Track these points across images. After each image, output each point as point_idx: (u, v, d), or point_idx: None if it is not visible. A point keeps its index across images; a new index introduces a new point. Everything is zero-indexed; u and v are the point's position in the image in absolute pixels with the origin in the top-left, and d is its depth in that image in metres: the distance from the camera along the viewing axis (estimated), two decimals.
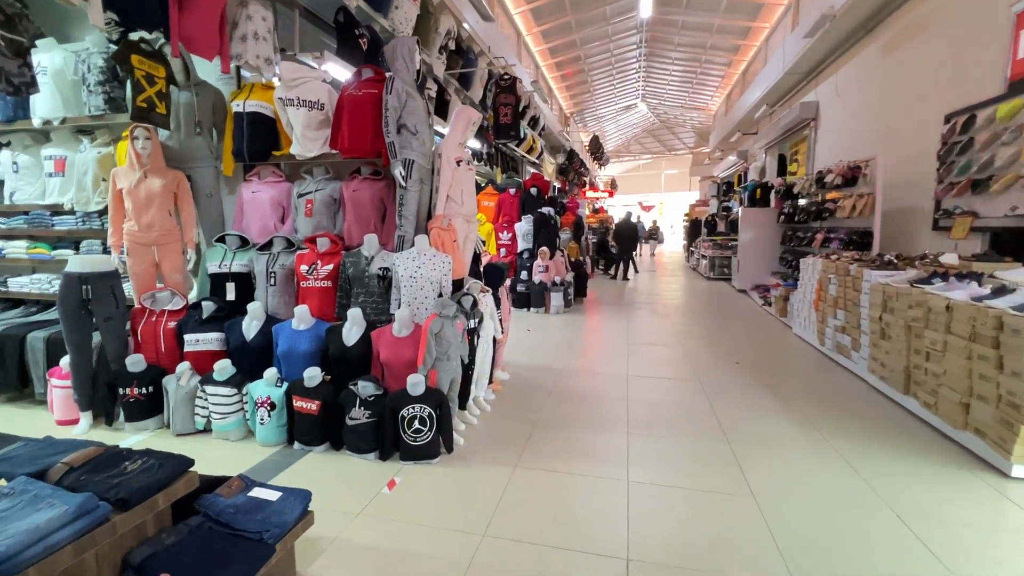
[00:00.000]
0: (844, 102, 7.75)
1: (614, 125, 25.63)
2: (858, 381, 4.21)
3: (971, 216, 4.33)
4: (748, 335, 6.09)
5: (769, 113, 11.73)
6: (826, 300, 4.97)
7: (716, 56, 14.31)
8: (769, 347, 5.51)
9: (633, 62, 16.07)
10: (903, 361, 3.53)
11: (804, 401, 3.79)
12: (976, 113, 4.60)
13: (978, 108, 4.58)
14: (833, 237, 6.42)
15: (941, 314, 3.11)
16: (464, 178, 3.55)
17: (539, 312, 7.47)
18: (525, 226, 7.93)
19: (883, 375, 3.81)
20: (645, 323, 6.79)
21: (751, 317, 7.20)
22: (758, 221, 9.55)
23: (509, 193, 8.26)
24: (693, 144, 29.20)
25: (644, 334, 6.10)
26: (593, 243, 14.55)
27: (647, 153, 33.08)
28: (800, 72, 9.19)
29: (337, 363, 2.98)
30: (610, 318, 7.14)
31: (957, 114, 4.87)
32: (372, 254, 3.21)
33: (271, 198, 3.56)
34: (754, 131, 13.56)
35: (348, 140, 3.30)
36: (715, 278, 11.96)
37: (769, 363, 4.86)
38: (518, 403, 3.73)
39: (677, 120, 25.02)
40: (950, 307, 3.06)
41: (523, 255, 7.86)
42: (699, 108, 20.38)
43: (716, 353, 5.19)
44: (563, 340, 5.78)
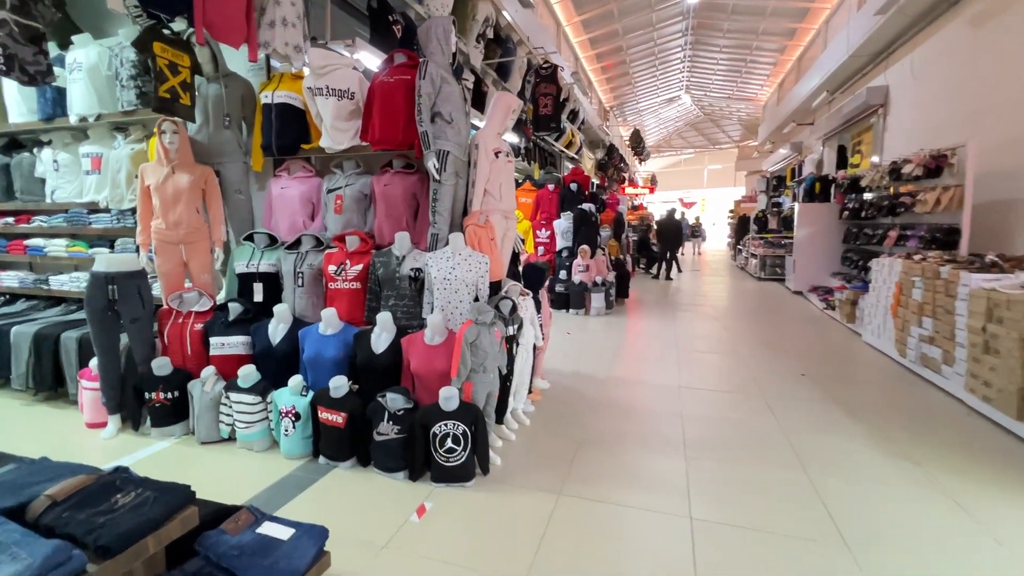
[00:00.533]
0: (921, 85, 6.99)
1: (655, 119, 24.80)
2: (951, 401, 3.67)
3: None
4: (810, 342, 5.54)
5: (828, 101, 10.89)
6: (908, 306, 4.40)
7: (768, 42, 13.47)
8: (837, 357, 4.97)
9: (677, 51, 15.38)
10: (1016, 381, 3.00)
11: (888, 423, 3.31)
12: None
13: None
14: (910, 235, 5.76)
15: None
16: (503, 171, 3.26)
17: (579, 314, 7.11)
18: (564, 223, 7.58)
19: (987, 395, 3.27)
20: (694, 327, 6.33)
21: (811, 322, 6.60)
22: (817, 217, 8.84)
23: (548, 189, 7.92)
24: (739, 137, 27.93)
25: (694, 339, 5.65)
26: (634, 241, 14.02)
27: (689, 147, 31.96)
28: (867, 54, 8.42)
29: (365, 372, 2.75)
30: (655, 321, 6.71)
31: None
32: (403, 253, 2.97)
33: (300, 194, 3.38)
34: (810, 121, 12.67)
35: (379, 131, 3.07)
36: (766, 278, 11.23)
37: (840, 376, 4.35)
38: (560, 416, 3.41)
39: (723, 112, 23.95)
40: None
41: (562, 254, 7.51)
42: (747, 99, 19.36)
43: (776, 362, 4.70)
44: (606, 345, 5.41)
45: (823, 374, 4.34)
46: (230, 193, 3.44)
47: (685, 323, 6.56)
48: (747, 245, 13.22)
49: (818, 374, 4.34)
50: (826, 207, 8.86)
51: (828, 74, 9.68)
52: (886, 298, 4.93)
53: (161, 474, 2.69)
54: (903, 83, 7.58)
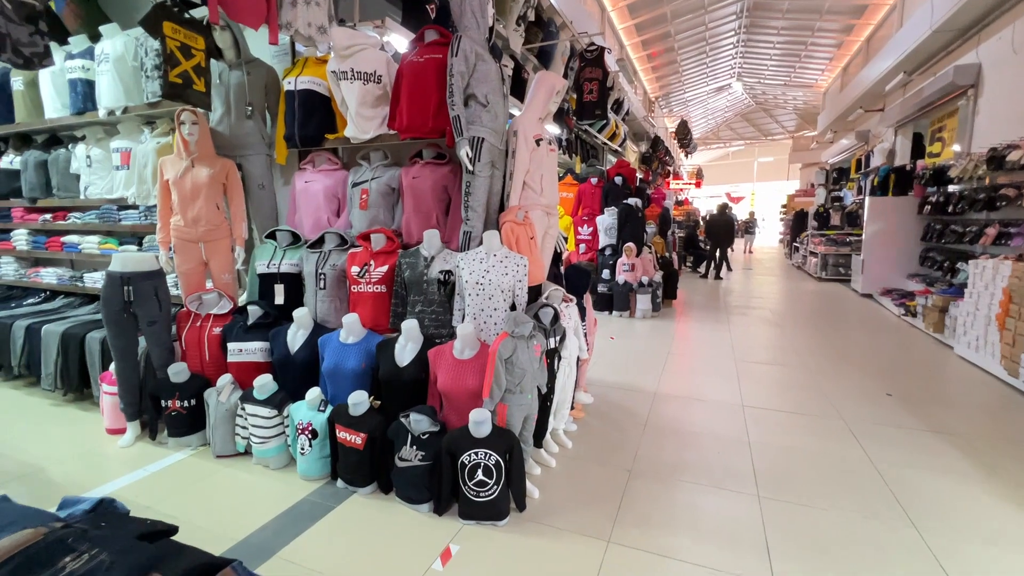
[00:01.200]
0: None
1: (702, 110, 23.68)
2: None
3: None
4: (891, 354, 4.88)
5: (904, 84, 9.86)
6: (1021, 317, 3.73)
7: (832, 22, 12.40)
8: (926, 373, 4.32)
9: (730, 36, 14.46)
10: None
11: (1011, 462, 2.73)
12: None
13: None
14: (1014, 232, 4.98)
15: None
16: (545, 161, 2.89)
17: (623, 316, 6.65)
18: (608, 219, 7.11)
19: None
20: (752, 333, 5.75)
21: (888, 330, 5.89)
22: (892, 212, 7.99)
23: (590, 183, 7.48)
24: (794, 128, 26.34)
25: (754, 348, 5.10)
26: (680, 238, 13.32)
27: (739, 139, 30.47)
28: (954, 29, 7.48)
29: (388, 387, 2.45)
30: (708, 325, 6.16)
31: None
32: (432, 254, 2.65)
33: (325, 188, 3.12)
34: (879, 107, 11.58)
35: (407, 117, 2.76)
36: (828, 279, 10.35)
37: (934, 397, 3.74)
38: (606, 438, 3.02)
39: (776, 101, 22.58)
40: None
41: (605, 252, 7.06)
42: (805, 86, 18.08)
43: (853, 378, 4.12)
44: (654, 352, 4.95)
45: (913, 394, 3.75)
46: (253, 188, 3.22)
47: (741, 328, 5.98)
48: (805, 242, 12.28)
49: (907, 394, 3.75)
50: (903, 201, 7.99)
51: (906, 53, 8.71)
52: (989, 307, 4.24)
53: (172, 490, 2.53)
54: (1002, 60, 6.65)
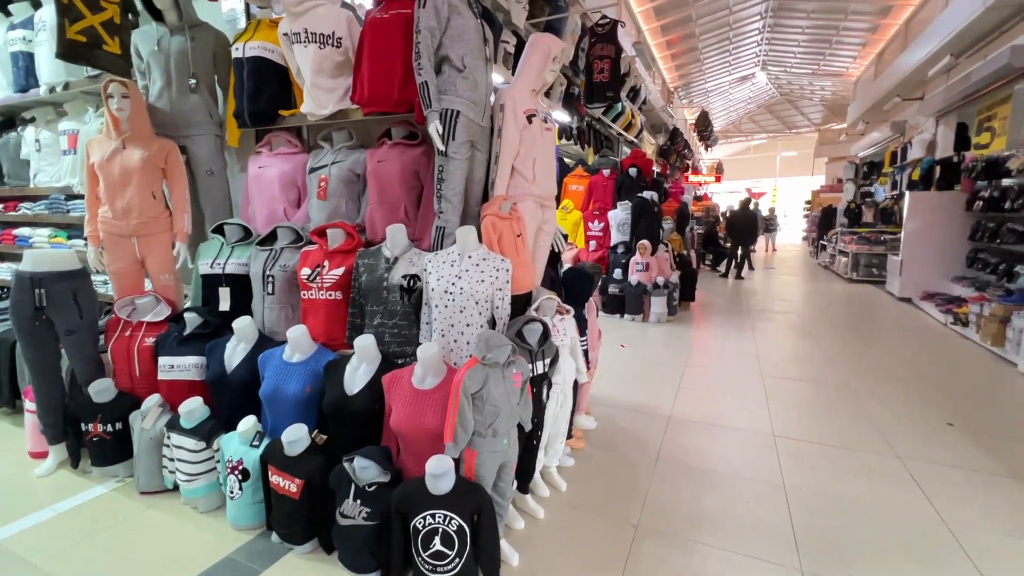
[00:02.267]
0: None
1: (723, 101, 22.76)
2: None
3: None
4: (942, 371, 4.26)
5: (948, 69, 9.05)
6: None
7: (867, 4, 11.54)
8: (989, 396, 3.71)
9: (755, 20, 13.65)
10: None
11: None
12: None
13: None
14: None
15: None
16: (539, 142, 2.38)
17: (636, 320, 6.10)
18: (621, 214, 6.55)
19: None
20: (780, 342, 5.16)
21: (935, 341, 5.24)
22: (935, 209, 7.28)
23: (602, 175, 6.92)
24: (820, 120, 25.26)
25: (783, 361, 4.52)
26: (699, 235, 12.66)
27: (761, 132, 29.42)
28: (1012, 4, 6.71)
29: (335, 419, 1.98)
30: (729, 332, 5.58)
31: None
32: (396, 254, 2.16)
33: (282, 175, 2.66)
34: (919, 95, 10.74)
35: (368, 87, 2.27)
36: (860, 280, 9.62)
37: (1005, 429, 3.13)
38: (609, 477, 2.51)
39: (803, 92, 21.57)
40: None
41: (617, 249, 6.50)
42: (834, 75, 17.13)
43: (903, 401, 3.53)
44: (670, 363, 4.41)
45: (978, 424, 3.15)
46: (200, 174, 2.77)
47: (767, 336, 5.39)
48: (834, 241, 11.51)
49: (971, 423, 3.15)
50: (948, 196, 7.27)
51: (953, 33, 7.92)
52: None
53: (84, 533, 2.01)
54: None
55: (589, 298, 2.75)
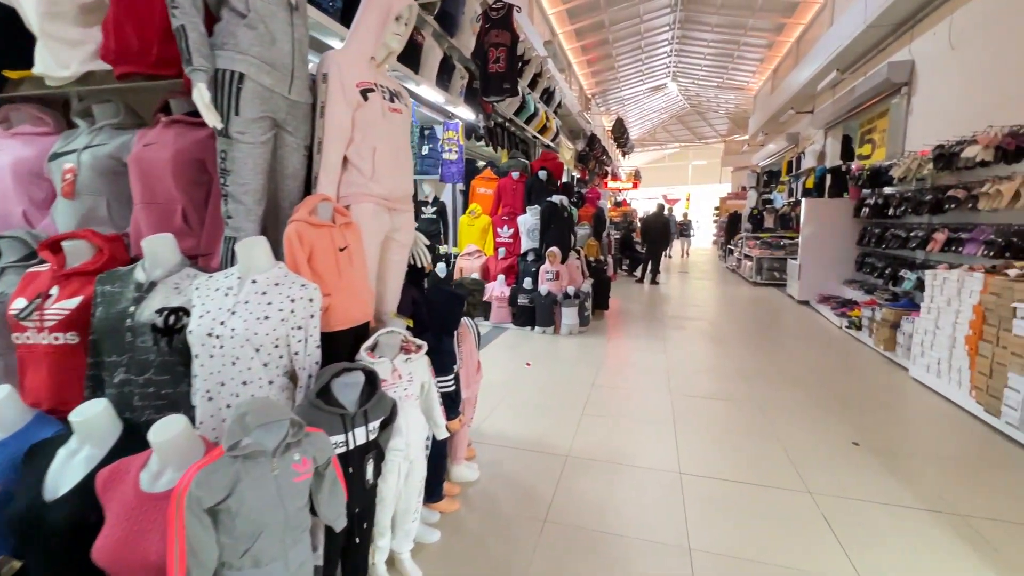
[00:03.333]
0: (964, 55, 5.72)
1: (639, 110, 23.56)
2: None
3: None
4: (843, 379, 4.21)
5: (834, 84, 9.65)
6: (1002, 343, 3.08)
7: (763, 20, 12.19)
8: (888, 407, 3.64)
9: (665, 31, 14.04)
10: None
11: None
12: None
13: None
14: (966, 238, 4.48)
15: None
16: (380, 126, 1.81)
17: (546, 333, 5.70)
18: (530, 219, 6.15)
19: None
20: (690, 352, 4.96)
21: (834, 346, 5.30)
22: (828, 215, 7.60)
23: (511, 177, 6.49)
24: (726, 132, 26.92)
25: (692, 375, 4.27)
26: (616, 240, 12.71)
27: (674, 142, 30.90)
28: (888, 24, 7.15)
29: (25, 542, 1.27)
30: (641, 343, 5.33)
31: None
32: (156, 276, 1.49)
33: (17, 163, 1.88)
34: (809, 109, 11.47)
35: (115, 35, 1.59)
36: (763, 283, 9.99)
37: (909, 447, 3.00)
38: (481, 556, 1.98)
39: (709, 104, 22.83)
40: None
41: (527, 257, 6.09)
42: (737, 88, 18.18)
43: (810, 417, 3.35)
44: (576, 384, 4.01)
45: (883, 441, 3.00)
46: None
47: (678, 346, 5.19)
48: (739, 245, 12.00)
49: (875, 440, 3.00)
50: (839, 203, 7.62)
51: (839, 50, 8.40)
52: (954, 326, 3.62)
53: None
54: (937, 56, 6.31)
55: (458, 325, 2.21)
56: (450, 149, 6.24)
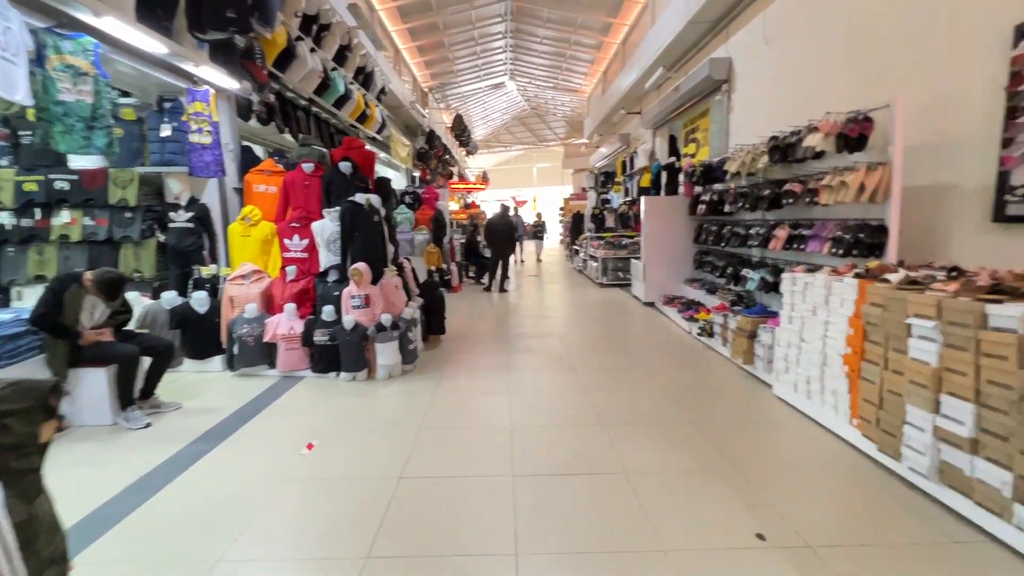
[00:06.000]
0: (779, 51, 5.69)
1: (481, 109, 23.01)
2: None
3: None
4: (713, 410, 3.52)
5: (660, 84, 9.79)
6: (896, 367, 2.51)
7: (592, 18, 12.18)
8: (773, 450, 2.96)
9: (499, 39, 13.40)
10: None
11: None
12: None
13: None
14: (808, 235, 4.18)
15: None
16: None
17: (357, 379, 4.21)
18: (331, 226, 4.58)
19: None
20: (538, 389, 3.94)
21: (689, 360, 4.76)
22: (666, 213, 7.37)
23: (302, 170, 4.84)
24: (564, 135, 27.93)
25: (539, 429, 3.20)
26: (461, 245, 11.62)
27: (519, 144, 31.24)
28: (707, 20, 7.13)
29: None
30: (481, 380, 4.16)
31: None
32: None
33: None
34: (638, 110, 11.72)
35: None
36: (610, 284, 9.75)
37: (817, 521, 2.25)
38: None
39: (548, 107, 23.26)
40: None
41: (328, 277, 4.52)
42: (571, 90, 18.56)
43: (697, 486, 2.47)
44: (375, 478, 2.63)
45: (781, 516, 2.20)
46: None
47: (524, 381, 4.14)
48: (584, 245, 11.81)
49: (774, 520, 2.18)
50: (676, 200, 7.44)
51: (663, 48, 8.36)
52: (823, 340, 3.08)
53: None
54: (752, 51, 6.34)
55: None
56: (200, 129, 4.36)
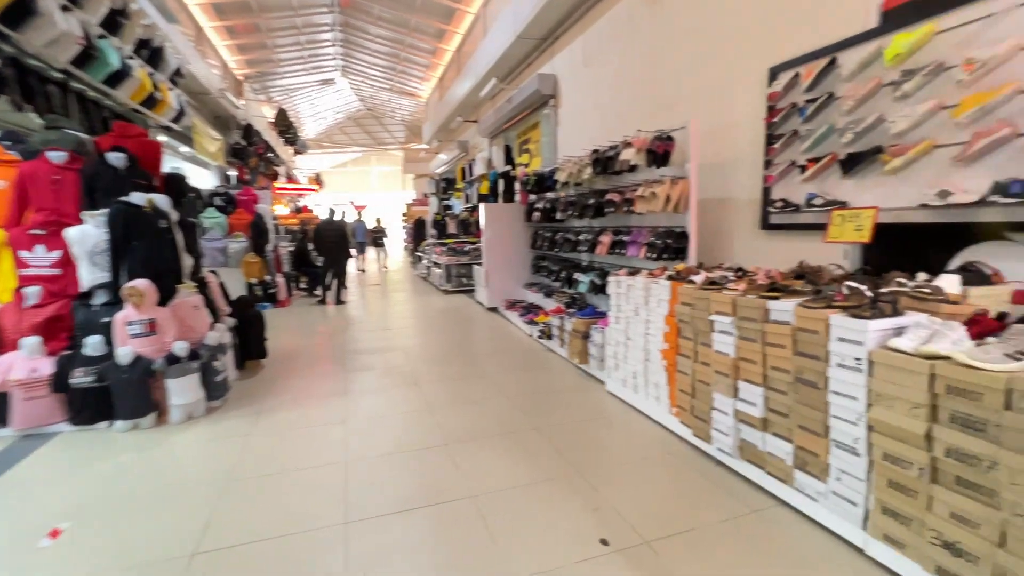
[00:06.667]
0: (596, 72, 6.23)
1: (311, 106, 21.17)
2: (832, 541, 2.07)
3: (873, 209, 2.73)
4: (554, 412, 3.60)
5: (494, 94, 10.07)
6: (705, 359, 2.81)
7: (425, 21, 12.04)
8: (603, 441, 3.09)
9: (326, 30, 12.42)
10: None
11: None
12: (837, 57, 3.13)
13: (838, 49, 3.12)
14: (628, 241, 4.59)
15: None
16: None
17: (142, 427, 3.33)
18: (93, 233, 3.56)
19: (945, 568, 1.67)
20: (379, 415, 3.58)
21: (531, 362, 4.87)
22: (505, 219, 7.54)
23: (47, 161, 3.69)
24: (404, 139, 27.32)
25: (381, 460, 2.88)
26: (289, 253, 10.41)
27: (356, 146, 29.57)
28: (535, 37, 7.51)
29: None
30: (309, 412, 3.64)
31: (793, 64, 3.41)
32: None
33: None
34: (475, 119, 11.93)
35: None
36: (454, 291, 9.68)
37: (654, 508, 2.37)
38: None
39: (386, 109, 22.47)
40: None
41: (91, 301, 3.50)
42: (409, 94, 18.19)
43: (543, 497, 2.42)
44: (171, 545, 2.03)
45: (624, 509, 2.28)
46: None
47: (362, 404, 3.75)
48: (427, 252, 11.58)
49: (619, 521, 2.24)
50: (513, 207, 7.66)
51: (494, 60, 8.59)
52: (646, 337, 3.35)
53: None
54: (574, 71, 6.85)
55: None
56: None
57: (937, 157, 2.62)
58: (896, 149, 2.78)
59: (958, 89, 2.50)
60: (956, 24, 2.52)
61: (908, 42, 2.70)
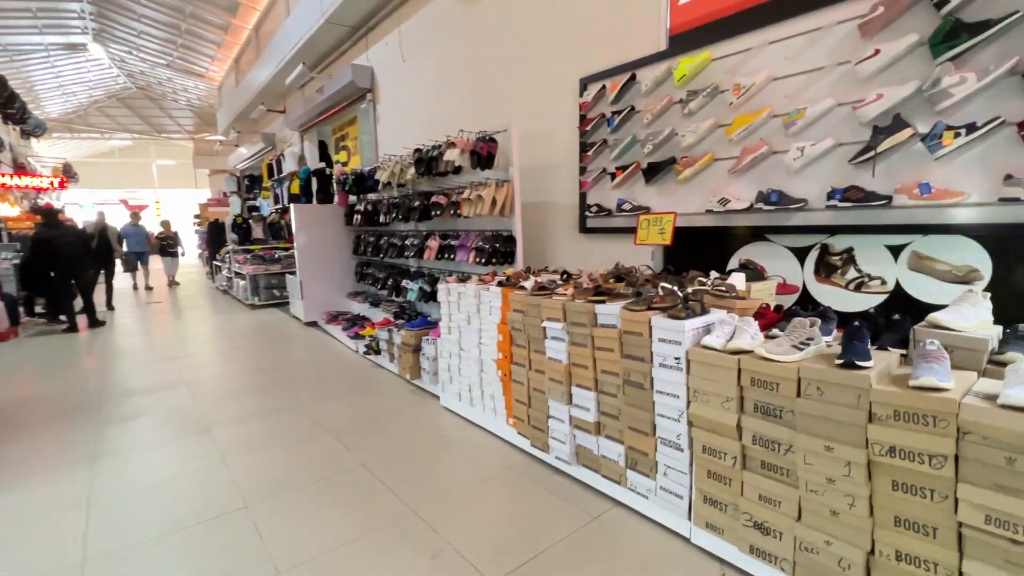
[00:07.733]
0: (415, 67, 5.92)
1: (51, 76, 16.41)
2: (665, 536, 2.13)
3: (672, 214, 3.00)
4: (384, 440, 3.19)
5: (303, 82, 9.02)
6: (539, 367, 2.72)
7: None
8: (439, 465, 2.81)
9: None
10: (864, 540, 1.58)
11: None
12: (636, 73, 3.39)
13: (637, 67, 3.38)
14: (456, 245, 4.41)
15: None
16: None
17: None
18: None
19: (763, 548, 1.80)
20: (146, 480, 2.71)
21: (360, 382, 4.33)
22: (321, 222, 6.75)
23: None
24: (193, 128, 23.17)
25: (142, 550, 2.13)
26: (15, 267, 7.77)
27: (124, 132, 23.97)
28: (347, 24, 6.86)
29: None
30: (35, 493, 2.57)
31: (601, 76, 3.61)
32: None
33: None
34: (282, 108, 10.58)
35: None
36: (263, 304, 8.38)
37: (497, 537, 2.16)
38: None
39: (165, 90, 18.67)
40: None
41: None
42: (197, 74, 15.38)
43: (366, 552, 2.03)
44: None
45: (465, 548, 2.03)
46: None
47: (120, 471, 2.81)
48: (228, 260, 9.85)
49: (461, 563, 1.99)
50: (330, 209, 6.90)
51: (300, 44, 7.63)
52: (480, 347, 3.18)
53: None
54: (391, 65, 6.43)
55: None
56: None
57: (717, 169, 2.98)
58: (686, 160, 3.09)
59: (730, 110, 2.86)
60: (726, 54, 2.89)
61: (691, 65, 3.02)
